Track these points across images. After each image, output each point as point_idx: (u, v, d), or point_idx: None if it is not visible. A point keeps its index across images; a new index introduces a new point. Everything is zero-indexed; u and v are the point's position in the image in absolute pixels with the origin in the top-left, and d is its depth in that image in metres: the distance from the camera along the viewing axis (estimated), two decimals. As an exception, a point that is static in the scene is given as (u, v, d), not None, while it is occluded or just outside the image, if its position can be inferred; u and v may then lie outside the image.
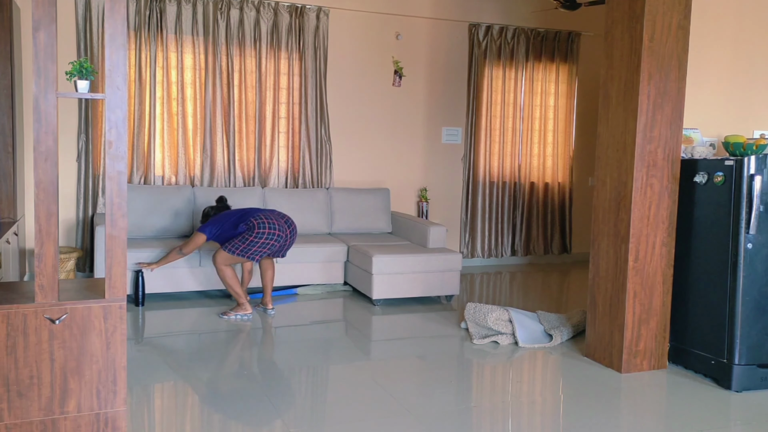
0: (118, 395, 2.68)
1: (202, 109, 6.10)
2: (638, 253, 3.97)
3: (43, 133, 2.51)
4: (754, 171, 3.70)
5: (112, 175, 2.60)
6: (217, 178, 6.15)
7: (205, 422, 3.17)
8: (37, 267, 2.55)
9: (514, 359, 4.25)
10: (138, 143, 5.91)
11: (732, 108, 4.76)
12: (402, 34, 6.81)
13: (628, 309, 3.98)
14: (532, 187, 7.47)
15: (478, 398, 3.67)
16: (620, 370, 4.01)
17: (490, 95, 7.18)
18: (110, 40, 2.56)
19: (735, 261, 3.76)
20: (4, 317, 2.50)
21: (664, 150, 3.99)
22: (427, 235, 5.79)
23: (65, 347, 2.58)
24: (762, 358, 3.80)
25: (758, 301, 3.77)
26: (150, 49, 5.88)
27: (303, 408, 3.39)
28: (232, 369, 3.92)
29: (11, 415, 2.54)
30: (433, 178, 7.09)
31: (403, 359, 4.25)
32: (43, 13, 2.46)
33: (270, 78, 6.28)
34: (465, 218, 7.20)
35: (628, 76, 3.97)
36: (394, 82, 6.83)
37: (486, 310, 4.69)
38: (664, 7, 3.90)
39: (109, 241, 2.61)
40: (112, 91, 2.58)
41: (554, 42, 7.41)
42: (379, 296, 5.40)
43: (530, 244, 7.52)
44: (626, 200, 3.97)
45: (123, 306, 2.66)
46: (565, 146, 7.58)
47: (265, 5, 6.22)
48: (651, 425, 3.32)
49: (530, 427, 3.28)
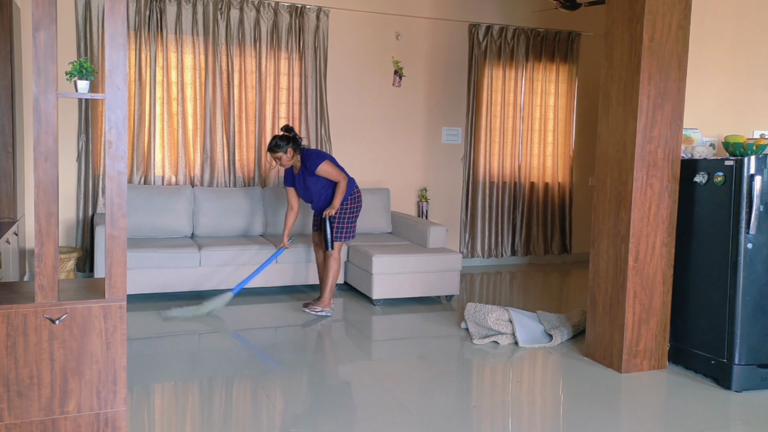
0: (118, 395, 2.68)
1: (202, 109, 6.10)
2: (638, 253, 3.97)
3: (43, 133, 2.51)
4: (754, 171, 3.70)
5: (112, 175, 2.60)
6: (217, 178, 6.15)
7: (205, 422, 3.17)
8: (37, 267, 2.55)
9: (514, 359, 4.25)
10: (138, 143, 5.91)
11: (732, 108, 4.76)
12: (402, 34, 6.81)
13: (628, 309, 3.98)
14: (532, 187, 7.47)
15: (478, 398, 3.67)
16: (620, 370, 4.01)
17: (490, 95, 7.18)
18: (110, 40, 2.56)
19: (735, 261, 3.76)
20: (4, 317, 2.50)
21: (664, 150, 3.99)
22: (427, 235, 5.79)
23: (65, 347, 2.58)
24: (762, 358, 3.80)
25: (758, 301, 3.77)
26: (150, 49, 5.88)
27: (303, 408, 3.39)
28: (232, 369, 3.92)
29: (11, 415, 2.54)
30: (433, 178, 7.09)
31: (403, 359, 4.25)
32: (43, 13, 2.46)
33: (270, 78, 6.28)
34: (465, 218, 7.20)
35: (628, 76, 3.97)
36: (394, 82, 6.83)
37: (486, 310, 4.69)
38: (664, 7, 3.90)
39: (109, 241, 2.61)
40: (112, 91, 2.58)
41: (554, 42, 7.41)
42: (379, 296, 5.40)
43: (530, 244, 7.52)
44: (626, 200, 3.97)
45: (123, 306, 2.66)
46: (565, 146, 7.58)
47: (265, 5, 6.22)
48: (651, 425, 3.32)
49: (530, 427, 3.28)
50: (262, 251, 5.48)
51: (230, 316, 5.04)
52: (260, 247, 5.50)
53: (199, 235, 5.83)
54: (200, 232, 5.82)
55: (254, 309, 5.26)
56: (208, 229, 5.82)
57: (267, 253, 5.47)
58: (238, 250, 5.43)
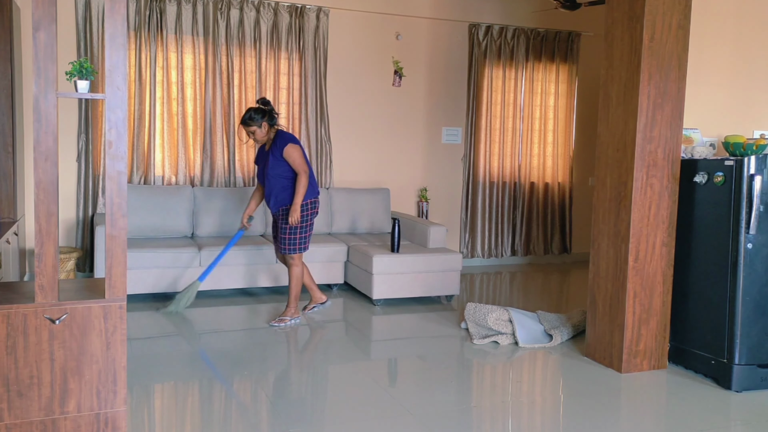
0: (118, 395, 2.68)
1: (202, 109, 6.10)
2: (638, 253, 3.97)
3: (43, 133, 2.51)
4: (754, 171, 3.70)
5: (112, 175, 2.60)
6: (217, 178, 6.15)
7: (205, 422, 3.17)
8: (37, 267, 2.54)
9: (514, 359, 4.25)
10: (138, 143, 5.90)
11: (732, 108, 4.76)
12: (402, 34, 6.81)
13: (628, 309, 3.98)
14: (532, 187, 7.47)
15: (478, 398, 3.67)
16: (620, 370, 4.01)
17: (490, 95, 7.18)
18: (110, 40, 2.56)
19: (735, 261, 3.76)
20: (4, 317, 2.50)
21: (664, 150, 3.99)
22: (427, 235, 5.79)
23: (65, 347, 2.58)
24: (762, 358, 3.80)
25: (758, 301, 3.77)
26: (150, 49, 5.87)
27: (303, 408, 3.39)
28: (231, 369, 3.91)
29: (11, 415, 2.54)
30: (433, 178, 7.09)
31: (403, 359, 4.25)
32: (43, 13, 2.46)
33: (270, 78, 6.28)
34: (465, 218, 7.19)
35: (628, 76, 3.97)
36: (394, 82, 6.83)
37: (486, 310, 4.69)
38: (664, 7, 3.90)
39: (109, 241, 2.61)
40: (112, 91, 2.58)
41: (554, 42, 7.41)
42: (379, 296, 5.40)
43: (530, 244, 7.52)
44: (626, 200, 3.97)
45: (123, 306, 2.66)
46: (565, 146, 7.58)
47: (265, 5, 6.22)
48: (651, 425, 3.32)
49: (530, 427, 3.28)
50: (262, 251, 5.47)
51: (231, 316, 5.04)
52: (260, 247, 5.49)
53: (199, 235, 5.82)
54: (200, 232, 5.82)
55: (255, 309, 5.26)
56: (208, 229, 5.82)
57: (267, 253, 5.47)
58: (239, 249, 5.43)
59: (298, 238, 4.67)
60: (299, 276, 4.79)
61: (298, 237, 4.67)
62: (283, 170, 4.63)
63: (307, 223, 4.70)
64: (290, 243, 4.67)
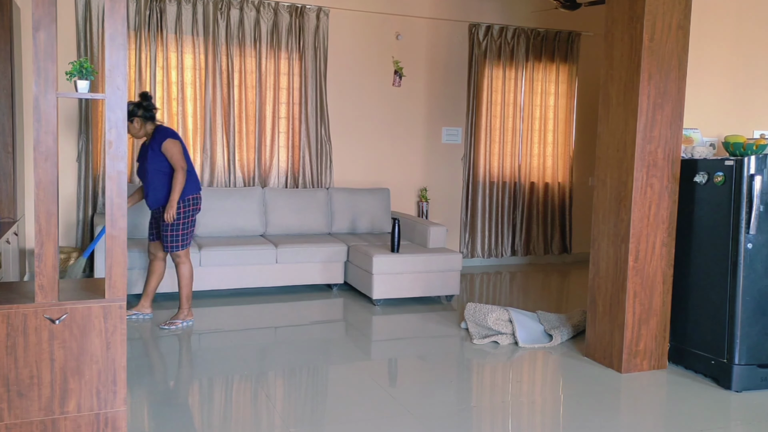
0: (118, 395, 2.68)
1: (202, 109, 6.10)
2: (638, 253, 3.97)
3: (43, 133, 2.51)
4: (754, 171, 3.70)
5: (112, 175, 2.60)
6: (217, 178, 6.15)
7: (205, 422, 3.17)
8: (37, 267, 2.54)
9: (514, 359, 4.25)
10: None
11: (732, 108, 4.76)
12: (402, 34, 6.81)
13: (628, 309, 3.98)
14: (532, 187, 7.47)
15: (478, 398, 3.67)
16: (620, 370, 4.01)
17: (490, 95, 7.18)
18: (110, 40, 2.56)
19: (735, 261, 3.76)
20: (4, 317, 2.50)
21: (664, 150, 3.99)
22: (427, 235, 5.79)
23: (65, 347, 2.58)
24: (762, 358, 3.80)
25: (758, 301, 3.77)
26: (150, 49, 5.87)
27: (303, 408, 3.39)
28: (231, 369, 3.91)
29: (11, 415, 2.54)
30: (433, 178, 7.09)
31: (403, 359, 4.25)
32: (43, 13, 2.46)
33: (270, 78, 6.28)
34: (465, 218, 7.19)
35: (628, 76, 3.97)
36: (394, 82, 6.83)
37: (486, 310, 4.69)
38: (664, 7, 3.90)
39: (109, 241, 2.62)
40: (112, 91, 2.58)
41: (554, 42, 7.41)
42: (379, 296, 5.39)
43: (530, 244, 7.52)
44: (626, 200, 3.97)
45: (123, 306, 2.66)
46: (565, 146, 7.58)
47: (265, 5, 6.22)
48: (651, 425, 3.32)
49: (530, 427, 3.28)
50: (262, 251, 5.48)
51: (231, 316, 5.04)
52: (260, 246, 5.50)
53: (200, 235, 5.82)
54: (200, 232, 5.81)
55: (253, 309, 5.26)
56: (209, 229, 5.82)
57: (267, 253, 5.47)
58: (238, 250, 5.43)
59: (180, 234, 4.58)
60: (188, 274, 4.68)
61: (180, 233, 4.58)
62: (162, 165, 4.55)
63: (189, 218, 4.61)
64: (172, 240, 4.57)
